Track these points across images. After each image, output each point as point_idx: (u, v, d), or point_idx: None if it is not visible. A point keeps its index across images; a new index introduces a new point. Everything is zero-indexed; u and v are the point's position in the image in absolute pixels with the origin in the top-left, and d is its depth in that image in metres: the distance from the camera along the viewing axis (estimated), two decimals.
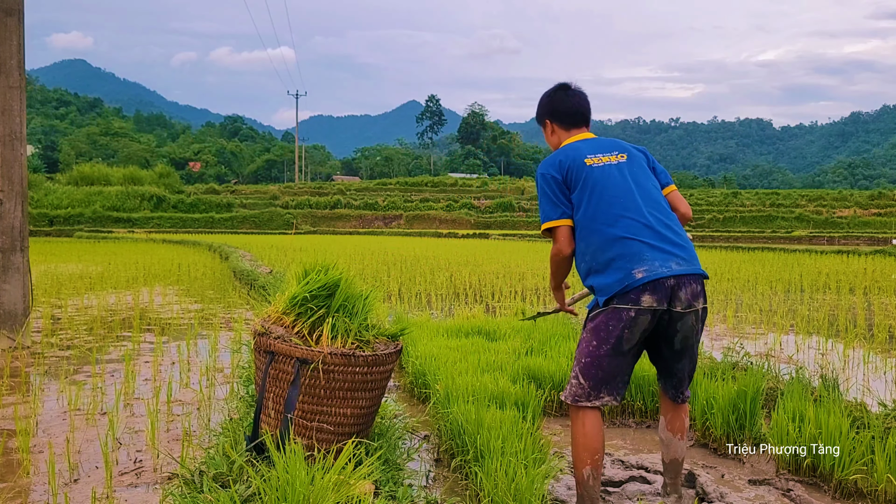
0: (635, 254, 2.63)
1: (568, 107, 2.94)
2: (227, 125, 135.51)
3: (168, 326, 7.28)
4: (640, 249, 2.63)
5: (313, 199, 50.93)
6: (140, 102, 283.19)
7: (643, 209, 2.70)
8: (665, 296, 2.60)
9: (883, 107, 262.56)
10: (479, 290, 10.57)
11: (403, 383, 4.86)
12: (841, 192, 56.57)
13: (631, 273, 2.60)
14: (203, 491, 2.25)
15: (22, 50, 6.15)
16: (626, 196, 2.72)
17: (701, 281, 2.70)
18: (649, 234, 2.66)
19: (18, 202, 6.10)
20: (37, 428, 3.81)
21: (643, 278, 2.58)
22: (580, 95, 2.95)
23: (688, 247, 2.73)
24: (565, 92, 2.96)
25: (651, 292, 2.59)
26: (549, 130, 2.99)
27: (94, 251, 20.23)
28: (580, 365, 2.69)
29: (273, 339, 2.57)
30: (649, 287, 2.59)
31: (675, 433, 2.85)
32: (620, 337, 2.62)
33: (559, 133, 2.97)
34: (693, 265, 2.67)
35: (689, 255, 2.69)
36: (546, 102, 2.99)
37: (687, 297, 2.61)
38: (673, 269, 2.61)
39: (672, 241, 2.68)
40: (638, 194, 2.74)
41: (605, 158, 2.79)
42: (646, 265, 2.60)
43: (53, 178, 55.11)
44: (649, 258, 2.62)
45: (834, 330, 7.26)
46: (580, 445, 2.65)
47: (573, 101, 2.94)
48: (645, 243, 2.64)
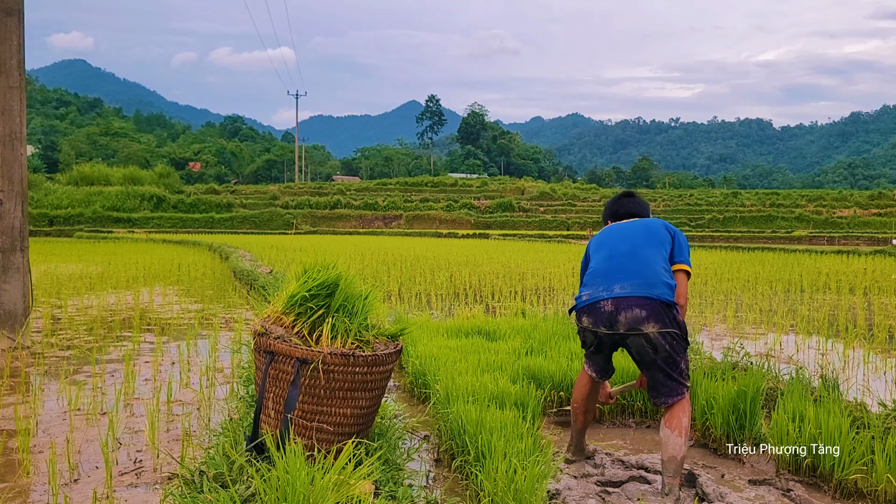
0: (592, 279, 3.13)
1: (626, 210, 3.46)
2: (227, 125, 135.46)
3: (168, 326, 7.28)
4: (598, 275, 3.11)
5: (313, 199, 50.92)
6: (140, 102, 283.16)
7: (622, 245, 3.14)
8: (602, 320, 3.01)
9: (883, 107, 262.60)
10: (479, 290, 10.57)
11: (403, 383, 4.85)
12: (841, 192, 56.57)
13: (581, 294, 3.14)
14: (203, 491, 2.25)
15: (22, 50, 6.15)
16: (612, 240, 3.22)
17: (649, 306, 2.92)
18: (612, 263, 3.10)
19: (18, 202, 6.10)
20: (37, 428, 3.81)
21: (586, 301, 3.08)
22: (639, 202, 3.48)
23: (644, 274, 2.99)
24: (628, 198, 3.51)
25: (588, 314, 3.08)
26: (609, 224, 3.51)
27: (94, 251, 20.23)
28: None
29: (273, 339, 2.57)
30: (586, 310, 3.08)
31: (673, 429, 2.94)
32: (583, 339, 3.22)
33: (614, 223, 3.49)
34: (637, 290, 2.95)
35: (640, 282, 2.97)
36: (611, 206, 3.54)
37: (627, 320, 2.95)
38: (613, 292, 2.99)
39: (628, 268, 3.03)
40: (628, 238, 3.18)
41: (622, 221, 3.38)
42: (591, 289, 3.09)
43: (53, 178, 55.11)
44: (598, 283, 3.07)
45: (834, 330, 7.26)
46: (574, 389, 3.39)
47: (629, 206, 3.45)
48: (604, 270, 3.11)
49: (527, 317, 6.65)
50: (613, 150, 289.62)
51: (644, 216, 3.39)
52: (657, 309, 2.92)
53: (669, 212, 48.01)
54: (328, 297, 2.71)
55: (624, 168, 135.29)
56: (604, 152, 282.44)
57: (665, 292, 2.96)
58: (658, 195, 58.10)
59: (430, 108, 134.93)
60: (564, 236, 33.99)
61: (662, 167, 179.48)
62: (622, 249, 3.12)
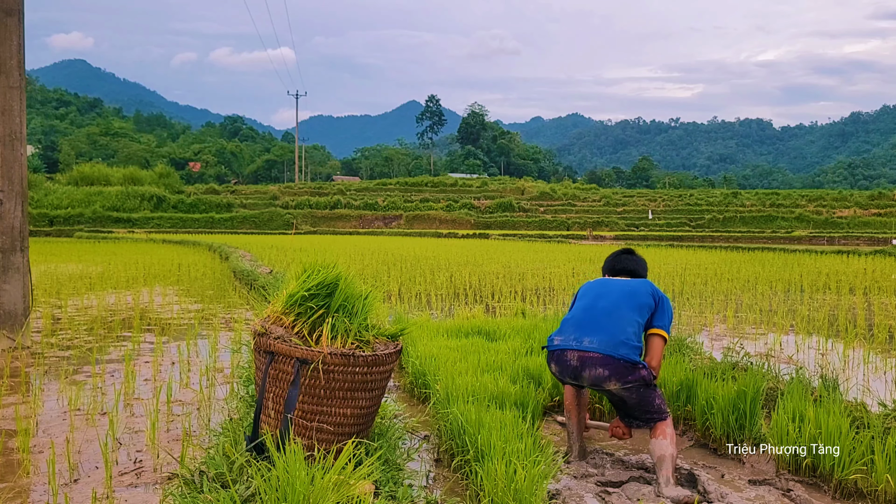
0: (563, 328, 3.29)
1: (622, 266, 3.62)
2: (227, 125, 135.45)
3: (168, 326, 7.28)
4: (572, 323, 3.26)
5: (313, 200, 50.91)
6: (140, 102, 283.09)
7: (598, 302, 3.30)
8: (567, 372, 3.17)
9: (883, 107, 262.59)
10: (479, 291, 10.57)
11: (403, 383, 4.85)
12: (841, 193, 56.55)
13: (552, 339, 3.29)
14: (203, 491, 2.25)
15: (22, 50, 6.15)
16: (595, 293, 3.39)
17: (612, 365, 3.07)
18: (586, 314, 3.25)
19: (18, 202, 6.10)
20: (37, 428, 3.81)
21: (557, 345, 3.23)
22: (638, 261, 3.62)
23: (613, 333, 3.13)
24: (627, 255, 3.67)
25: (556, 363, 3.23)
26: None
27: (94, 251, 20.23)
28: None
29: (273, 339, 2.57)
30: (555, 358, 3.24)
31: (657, 436, 3.12)
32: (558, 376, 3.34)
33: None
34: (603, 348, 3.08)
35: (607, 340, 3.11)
36: (610, 261, 3.70)
37: (590, 378, 3.11)
38: (583, 344, 3.14)
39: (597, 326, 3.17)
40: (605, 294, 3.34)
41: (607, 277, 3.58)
42: (563, 335, 3.24)
43: (53, 178, 55.12)
44: (570, 330, 3.23)
45: (834, 330, 7.26)
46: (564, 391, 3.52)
47: (627, 263, 3.61)
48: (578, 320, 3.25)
49: (527, 317, 6.65)
50: (613, 150, 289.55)
51: (640, 274, 3.57)
52: (619, 368, 3.09)
53: (669, 212, 48.02)
54: (328, 297, 2.71)
55: (624, 168, 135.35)
56: (604, 152, 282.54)
57: (629, 353, 3.11)
58: (658, 195, 58.10)
59: (430, 108, 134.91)
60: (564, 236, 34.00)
61: (662, 167, 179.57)
62: (601, 304, 3.28)
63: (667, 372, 4.12)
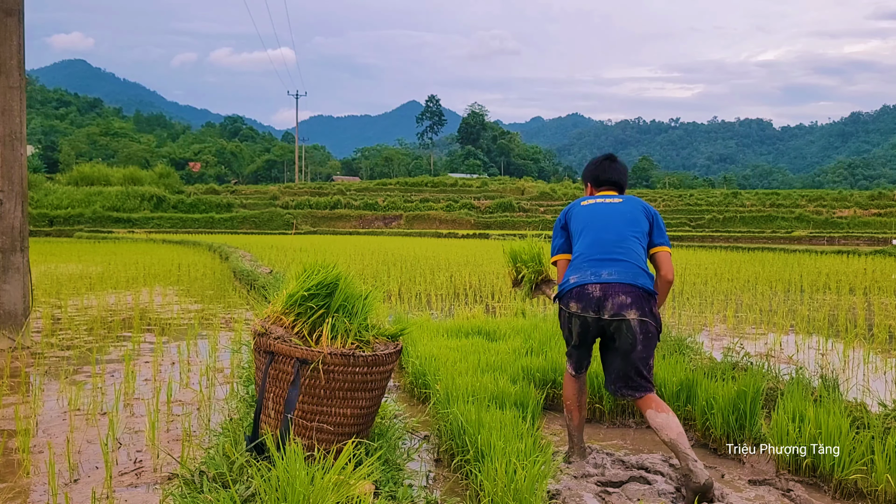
0: (578, 264, 3.21)
1: (607, 177, 3.52)
2: (227, 125, 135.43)
3: (168, 326, 7.28)
4: (583, 260, 3.20)
5: (313, 200, 50.90)
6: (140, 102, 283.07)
7: (604, 230, 3.22)
8: (590, 304, 3.08)
9: (883, 107, 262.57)
10: (479, 291, 10.57)
11: (403, 383, 4.85)
12: (841, 193, 56.51)
13: (568, 279, 3.20)
14: (203, 491, 2.25)
15: (22, 50, 6.15)
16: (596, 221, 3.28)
17: (635, 293, 3.04)
18: (596, 248, 3.18)
19: (18, 202, 6.10)
20: (37, 428, 3.81)
21: (573, 283, 3.14)
22: (620, 169, 3.53)
23: (630, 262, 3.12)
24: (611, 163, 3.56)
25: (576, 299, 3.13)
26: (588, 192, 3.58)
27: (94, 251, 20.23)
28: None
29: (273, 339, 2.57)
30: (575, 294, 3.14)
31: (661, 410, 3.03)
32: (566, 330, 3.27)
33: (593, 191, 3.56)
34: (624, 276, 3.06)
35: (625, 269, 3.09)
36: (592, 169, 3.57)
37: (613, 306, 3.04)
38: (601, 277, 3.08)
39: (614, 256, 3.13)
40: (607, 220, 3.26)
41: (599, 200, 3.39)
42: (579, 273, 3.16)
43: (53, 178, 55.10)
44: (585, 267, 3.15)
45: (834, 330, 7.26)
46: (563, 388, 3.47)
47: (611, 173, 3.51)
48: (588, 256, 3.18)
49: (527, 317, 6.65)
50: (613, 150, 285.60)
51: (623, 183, 3.52)
52: (640, 297, 3.07)
53: (669, 212, 48.00)
54: (328, 297, 2.71)
55: None
56: (604, 152, 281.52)
57: (647, 282, 3.11)
58: (658, 195, 58.09)
59: (430, 108, 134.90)
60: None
61: (662, 167, 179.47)
62: (608, 237, 3.20)
63: (667, 372, 4.12)
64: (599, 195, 3.45)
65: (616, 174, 3.52)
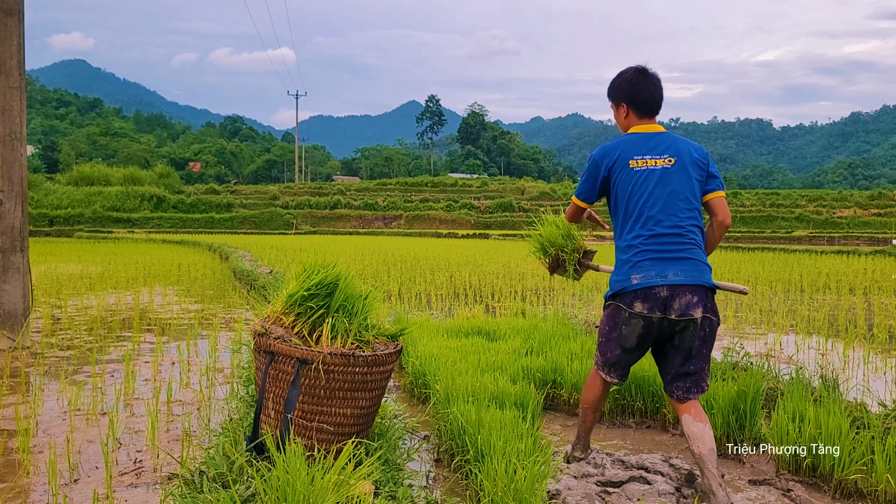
0: (638, 262, 2.90)
1: (647, 96, 3.05)
2: (227, 125, 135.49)
3: (168, 326, 7.28)
4: (643, 257, 2.89)
5: (313, 200, 50.91)
6: (140, 103, 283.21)
7: (662, 219, 2.90)
8: (657, 304, 2.86)
9: (883, 107, 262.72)
10: (479, 291, 10.57)
11: (403, 383, 4.85)
12: (841, 193, 56.50)
13: (629, 278, 2.90)
14: (203, 491, 2.25)
15: (22, 50, 6.15)
16: (651, 203, 2.91)
17: (700, 292, 2.87)
18: (657, 244, 2.88)
19: (18, 202, 6.10)
20: (37, 428, 3.81)
21: (637, 285, 2.87)
22: (657, 84, 3.06)
23: (694, 259, 2.89)
24: (645, 79, 3.05)
25: (642, 300, 2.87)
26: (623, 113, 3.11)
27: (94, 251, 20.23)
28: (599, 342, 3.11)
29: (273, 339, 2.57)
30: (640, 295, 2.87)
31: (705, 423, 2.88)
32: (621, 332, 2.96)
33: (631, 119, 3.09)
34: (691, 276, 2.86)
35: (690, 267, 2.87)
36: (627, 88, 3.07)
37: (680, 306, 2.84)
38: (668, 279, 2.85)
39: (676, 254, 2.88)
40: (664, 202, 2.91)
41: (651, 161, 2.96)
42: (643, 273, 2.88)
43: (53, 178, 55.12)
44: (648, 267, 2.87)
45: (834, 330, 7.26)
46: (584, 390, 3.25)
47: (651, 91, 3.05)
48: (649, 251, 2.89)
49: (527, 317, 6.65)
50: None
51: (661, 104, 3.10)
52: (704, 294, 2.88)
53: None
54: (328, 297, 2.71)
55: None
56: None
57: (709, 276, 2.92)
58: None
59: (430, 108, 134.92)
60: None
61: None
62: (670, 228, 2.88)
63: None
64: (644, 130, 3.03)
65: (657, 93, 3.06)
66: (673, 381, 2.96)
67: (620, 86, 3.10)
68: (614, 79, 3.15)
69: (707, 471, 2.80)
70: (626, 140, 3.03)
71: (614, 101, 3.15)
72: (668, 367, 2.99)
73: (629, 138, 3.03)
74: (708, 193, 3.04)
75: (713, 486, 2.76)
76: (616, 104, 3.14)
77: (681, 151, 2.98)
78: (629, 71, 3.10)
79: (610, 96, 3.18)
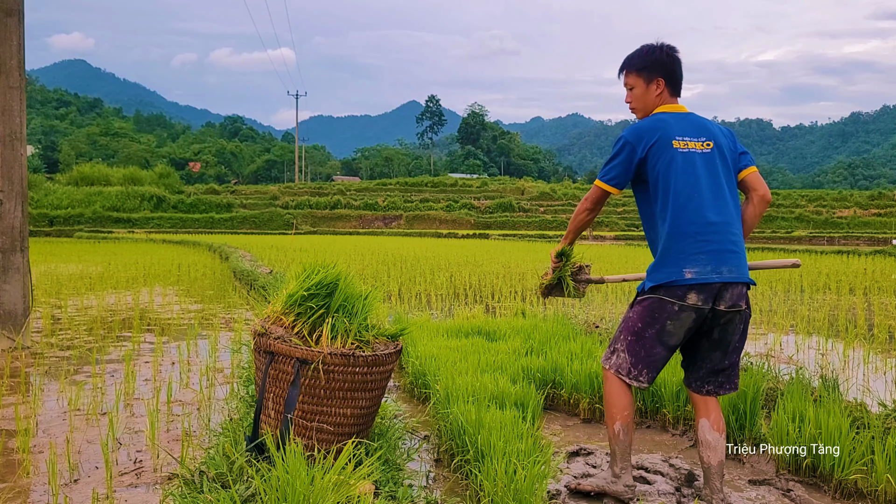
0: (691, 253, 2.68)
1: (681, 74, 2.89)
2: (227, 125, 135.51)
3: (168, 327, 7.28)
4: (696, 249, 2.68)
5: (313, 200, 50.93)
6: (140, 103, 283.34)
7: (712, 207, 2.71)
8: (711, 296, 2.69)
9: (883, 107, 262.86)
10: (479, 291, 10.57)
11: (403, 383, 4.85)
12: (841, 193, 56.53)
13: (682, 270, 2.68)
14: (203, 491, 2.25)
15: (22, 50, 6.15)
16: (700, 191, 2.72)
17: (745, 286, 2.77)
18: (710, 235, 2.69)
19: (18, 202, 6.10)
20: (37, 428, 3.81)
21: (691, 279, 2.66)
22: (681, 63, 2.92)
23: (741, 252, 2.78)
24: (676, 56, 2.88)
25: (697, 292, 2.67)
26: (655, 89, 2.88)
27: (94, 251, 20.23)
28: (627, 342, 2.81)
29: (273, 339, 2.57)
30: (696, 288, 2.67)
31: (722, 432, 2.80)
32: (664, 327, 2.72)
33: (664, 97, 2.89)
34: (742, 273, 2.74)
35: (740, 262, 2.75)
36: (668, 61, 2.86)
37: (732, 298, 2.70)
38: (723, 275, 2.68)
39: (728, 247, 2.73)
40: (712, 191, 2.73)
41: (692, 144, 2.77)
42: (697, 267, 2.67)
43: (53, 178, 55.16)
44: (703, 261, 2.68)
45: (834, 330, 7.26)
46: (612, 404, 2.85)
47: (680, 69, 2.89)
48: (703, 242, 2.69)
49: (527, 317, 6.65)
50: None
51: None
52: (746, 289, 2.79)
53: None
54: (328, 297, 2.71)
55: None
56: (604, 152, 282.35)
57: (748, 270, 2.82)
58: None
59: (430, 108, 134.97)
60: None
61: None
62: (721, 217, 2.72)
63: (667, 372, 4.12)
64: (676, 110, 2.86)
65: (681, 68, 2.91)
66: (707, 376, 2.82)
67: (660, 59, 2.85)
68: (644, 52, 2.89)
69: (712, 482, 2.76)
70: (662, 119, 2.81)
71: (649, 73, 2.86)
72: (702, 361, 2.83)
73: (665, 117, 2.82)
74: (743, 170, 2.88)
75: (714, 500, 2.74)
76: (649, 78, 2.87)
77: (715, 135, 2.83)
78: (662, 45, 2.88)
79: (642, 69, 2.88)
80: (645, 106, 2.92)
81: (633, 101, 2.95)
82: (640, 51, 2.91)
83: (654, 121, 2.82)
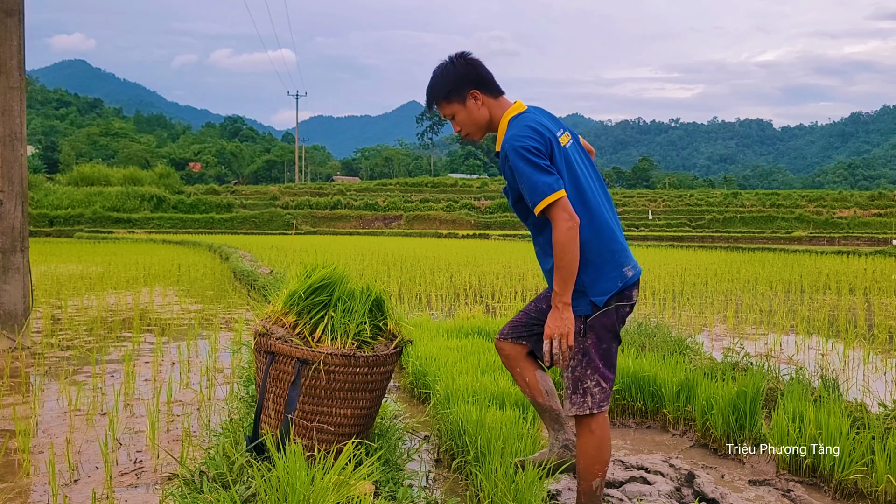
0: (618, 251, 2.53)
1: (488, 73, 2.60)
2: (227, 126, 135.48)
3: (168, 327, 7.28)
4: (618, 248, 2.54)
5: (313, 200, 50.91)
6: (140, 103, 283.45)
7: (606, 202, 2.58)
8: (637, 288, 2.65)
9: (883, 107, 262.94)
10: (479, 291, 10.57)
11: (403, 383, 4.86)
12: (841, 193, 56.49)
13: (622, 271, 2.52)
14: (203, 491, 2.25)
15: (22, 50, 6.15)
16: (595, 186, 2.57)
17: None
18: (618, 230, 2.59)
19: (18, 202, 6.10)
20: (37, 428, 3.81)
21: (633, 276, 2.56)
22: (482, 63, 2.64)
23: None
24: (472, 59, 2.60)
25: (635, 286, 2.58)
26: (475, 103, 2.59)
27: (94, 251, 20.23)
28: (599, 371, 2.52)
29: (274, 339, 2.57)
30: (636, 283, 2.58)
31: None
32: (617, 332, 2.58)
33: (489, 104, 2.61)
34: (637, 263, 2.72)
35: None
36: (467, 71, 2.56)
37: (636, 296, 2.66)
38: (637, 267, 2.63)
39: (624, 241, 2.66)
40: (599, 185, 2.61)
41: (564, 138, 2.56)
42: (629, 262, 2.56)
43: (53, 178, 55.12)
44: (627, 256, 2.57)
45: (834, 330, 7.26)
46: (595, 458, 2.57)
47: (485, 69, 2.61)
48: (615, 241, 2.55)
49: None
50: (613, 151, 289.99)
51: None
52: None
53: (669, 212, 47.99)
54: (328, 297, 2.71)
55: (624, 168, 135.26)
56: (604, 152, 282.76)
57: None
58: (658, 195, 58.09)
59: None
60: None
61: (662, 167, 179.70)
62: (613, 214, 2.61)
63: (667, 372, 4.12)
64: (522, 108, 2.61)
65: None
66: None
67: (459, 73, 2.56)
68: (441, 75, 2.59)
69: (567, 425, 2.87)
70: (528, 117, 2.52)
71: (459, 93, 2.57)
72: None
73: (527, 116, 2.54)
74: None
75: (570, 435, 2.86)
76: (462, 97, 2.57)
77: (562, 124, 2.64)
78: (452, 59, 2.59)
79: (450, 93, 2.57)
80: (476, 123, 2.63)
81: (463, 127, 2.65)
82: (436, 77, 2.60)
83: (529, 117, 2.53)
